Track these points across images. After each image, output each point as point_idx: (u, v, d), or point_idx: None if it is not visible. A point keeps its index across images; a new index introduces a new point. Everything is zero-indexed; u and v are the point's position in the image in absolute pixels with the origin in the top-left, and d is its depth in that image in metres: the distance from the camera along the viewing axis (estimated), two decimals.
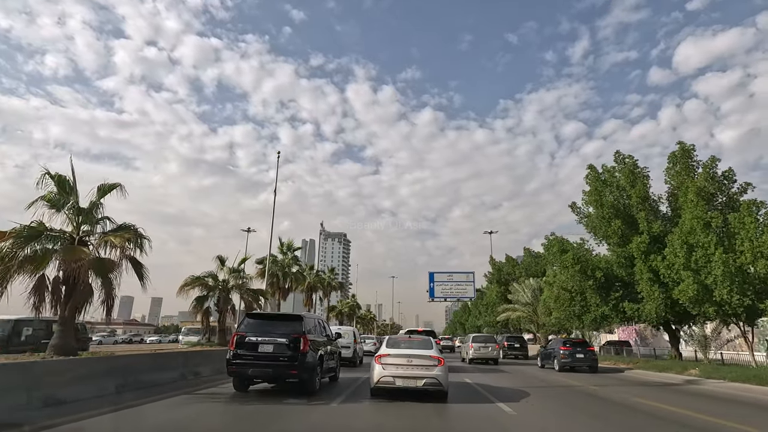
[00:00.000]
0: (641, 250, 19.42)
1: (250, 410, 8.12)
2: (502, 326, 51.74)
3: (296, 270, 28.68)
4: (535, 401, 10.15)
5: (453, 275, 61.62)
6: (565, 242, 24.80)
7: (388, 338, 10.85)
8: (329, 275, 42.43)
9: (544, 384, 14.38)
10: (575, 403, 10.35)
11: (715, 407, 9.83)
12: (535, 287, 42.78)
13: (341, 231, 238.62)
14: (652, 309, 19.00)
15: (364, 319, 77.95)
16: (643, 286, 19.41)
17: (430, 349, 9.70)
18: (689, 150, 20.25)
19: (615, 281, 21.80)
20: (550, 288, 28.13)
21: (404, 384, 8.98)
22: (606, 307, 22.10)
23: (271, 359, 9.46)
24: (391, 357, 9.26)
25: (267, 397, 9.75)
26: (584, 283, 21.80)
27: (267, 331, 9.83)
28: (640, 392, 12.57)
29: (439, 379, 9.03)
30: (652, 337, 50.76)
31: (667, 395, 12.09)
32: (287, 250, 28.94)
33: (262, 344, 9.55)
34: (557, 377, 16.93)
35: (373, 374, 9.28)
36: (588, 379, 16.32)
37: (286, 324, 10.20)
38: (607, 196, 21.56)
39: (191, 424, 6.98)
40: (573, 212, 25.74)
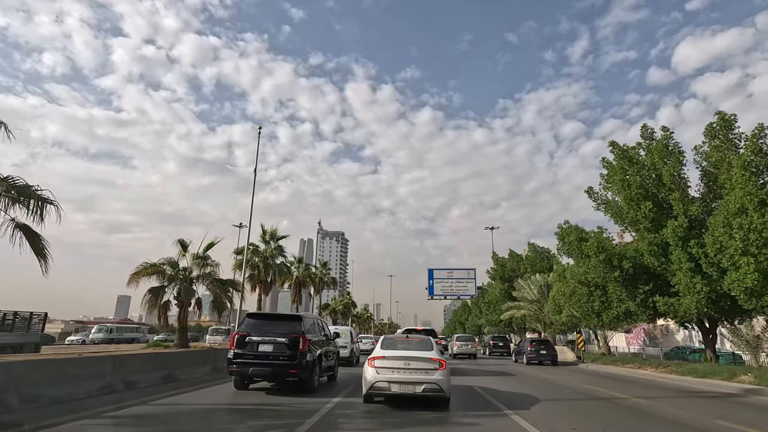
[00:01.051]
0: (678, 236, 16.59)
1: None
2: (505, 325, 48.89)
3: (280, 262, 25.74)
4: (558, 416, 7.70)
5: (453, 272, 58.87)
6: (582, 230, 21.97)
7: (384, 338, 9.79)
8: (321, 270, 39.45)
9: (555, 391, 11.57)
10: (630, 425, 7.53)
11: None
12: (542, 283, 40.01)
13: (339, 230, 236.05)
14: (692, 304, 16.16)
15: (360, 318, 74.97)
16: (680, 277, 16.58)
17: (430, 351, 8.70)
18: (730, 120, 17.39)
19: (644, 273, 18.96)
20: (564, 282, 25.27)
21: (401, 390, 7.99)
22: (632, 303, 19.28)
23: (271, 358, 9.71)
24: (387, 359, 8.24)
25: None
26: (609, 275, 18.95)
27: (267, 331, 10.06)
28: (705, 407, 9.78)
29: (440, 384, 8.01)
30: (662, 337, 48.13)
31: (745, 413, 9.24)
32: (270, 239, 25.88)
33: (262, 344, 9.79)
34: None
35: (365, 379, 8.30)
36: (600, 381, 13.50)
37: (285, 324, 10.38)
38: (634, 176, 18.68)
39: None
40: (590, 198, 22.90)
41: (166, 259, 14.70)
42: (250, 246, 23.66)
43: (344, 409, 8.26)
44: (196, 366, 13.20)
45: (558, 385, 13.82)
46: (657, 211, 17.94)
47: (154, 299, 13.80)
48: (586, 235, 21.24)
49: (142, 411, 7.62)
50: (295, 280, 30.68)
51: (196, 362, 13.26)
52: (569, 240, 21.53)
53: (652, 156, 19.25)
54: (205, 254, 15.23)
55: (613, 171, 20.95)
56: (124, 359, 9.83)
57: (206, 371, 13.68)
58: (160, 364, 11.18)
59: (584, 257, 20.34)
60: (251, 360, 9.70)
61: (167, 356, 11.67)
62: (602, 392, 12.24)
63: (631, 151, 19.95)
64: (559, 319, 32.93)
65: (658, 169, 19.10)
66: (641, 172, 18.80)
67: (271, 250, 24.90)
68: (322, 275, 38.63)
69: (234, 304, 15.31)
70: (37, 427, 5.89)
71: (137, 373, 10.25)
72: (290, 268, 26.14)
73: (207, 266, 15.04)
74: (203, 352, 13.98)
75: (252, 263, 23.68)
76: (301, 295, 31.76)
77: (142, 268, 14.01)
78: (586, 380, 15.84)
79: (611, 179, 20.09)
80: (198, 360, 13.46)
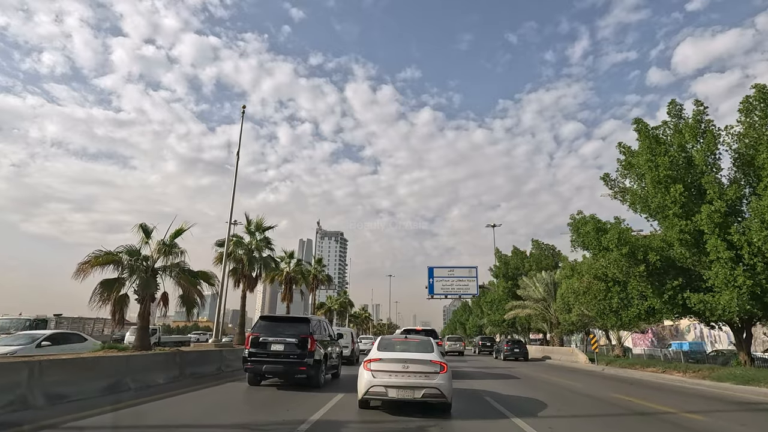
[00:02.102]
0: (715, 222, 14.54)
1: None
2: (508, 326, 46.84)
3: (267, 255, 23.61)
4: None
5: (454, 270, 56.72)
6: (600, 221, 19.93)
7: (381, 339, 9.13)
8: (316, 267, 37.27)
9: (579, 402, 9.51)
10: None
11: None
12: (549, 281, 37.96)
13: (338, 230, 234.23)
14: (731, 300, 14.11)
15: (357, 318, 72.76)
16: (717, 270, 14.54)
17: (431, 353, 8.18)
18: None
19: (672, 266, 16.91)
20: (577, 278, 23.20)
21: (399, 395, 7.50)
22: (657, 300, 17.22)
23: (282, 357, 10.66)
24: (383, 362, 7.71)
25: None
26: (632, 270, 16.89)
27: (278, 332, 10.95)
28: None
29: (441, 389, 7.50)
30: (671, 338, 46.12)
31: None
32: (256, 230, 23.44)
33: (273, 344, 10.72)
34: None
35: (360, 383, 7.80)
36: (627, 389, 11.44)
37: (294, 325, 11.24)
38: (662, 156, 16.62)
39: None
40: (606, 185, 20.94)
41: (125, 247, 12.58)
42: (233, 237, 21.60)
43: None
44: (156, 372, 11.12)
45: (581, 394, 11.74)
46: (687, 196, 15.90)
47: (107, 292, 11.65)
48: (604, 226, 19.22)
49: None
50: (286, 277, 28.51)
51: (155, 367, 11.19)
52: (585, 231, 19.44)
53: (681, 136, 17.22)
54: (173, 242, 13.11)
55: (631, 156, 19.00)
56: (47, 366, 7.76)
57: (169, 378, 11.61)
58: (100, 372, 9.10)
59: (603, 250, 18.29)
60: (264, 358, 10.70)
61: (111, 361, 9.59)
62: (639, 404, 10.18)
63: (657, 130, 17.91)
64: (569, 318, 30.94)
65: (687, 150, 17.09)
66: (670, 153, 16.75)
67: (257, 242, 22.67)
68: (316, 272, 36.46)
69: (205, 300, 13.26)
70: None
71: (67, 384, 8.16)
72: (278, 263, 23.87)
73: (174, 255, 12.92)
74: (166, 355, 11.91)
75: (235, 256, 21.55)
76: (293, 293, 29.63)
77: (93, 257, 11.77)
78: (611, 387, 13.77)
79: (635, 162, 18.06)
80: (159, 365, 11.37)
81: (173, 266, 12.93)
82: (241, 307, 21.73)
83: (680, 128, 17.54)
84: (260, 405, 8.88)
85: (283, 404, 8.86)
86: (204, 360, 13.79)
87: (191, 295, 13.00)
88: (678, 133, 17.58)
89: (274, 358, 10.69)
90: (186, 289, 13.01)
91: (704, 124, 16.70)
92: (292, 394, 10.07)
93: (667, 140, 17.64)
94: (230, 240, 20.93)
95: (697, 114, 16.86)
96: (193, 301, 13.03)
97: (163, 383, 11.14)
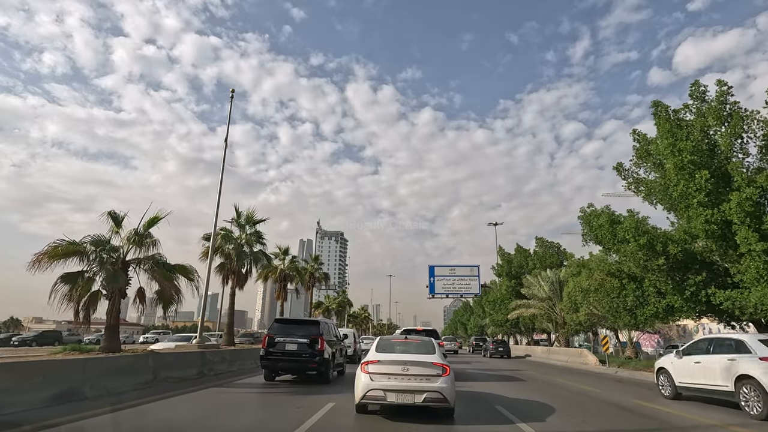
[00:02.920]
0: (746, 212, 13.21)
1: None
2: (511, 326, 45.47)
3: (258, 250, 22.10)
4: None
5: (456, 269, 55.56)
6: (613, 213, 18.64)
7: (379, 339, 8.75)
8: (312, 264, 35.87)
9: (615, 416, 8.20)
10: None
11: None
12: (554, 279, 36.66)
13: (338, 230, 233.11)
14: (765, 296, 12.78)
15: (356, 318, 71.36)
16: (748, 264, 13.22)
17: (432, 354, 7.81)
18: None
19: (694, 260, 15.59)
20: (590, 275, 21.87)
21: (398, 399, 7.01)
22: (676, 297, 15.90)
23: (295, 356, 11.99)
24: (382, 364, 7.29)
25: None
26: (651, 264, 15.56)
27: (291, 333, 12.29)
28: None
29: (443, 392, 7.02)
30: (678, 338, 44.79)
31: None
32: (246, 223, 21.74)
33: (287, 343, 12.03)
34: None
35: (357, 386, 7.37)
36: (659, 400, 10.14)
37: (306, 327, 12.65)
38: (684, 140, 15.29)
39: None
40: (619, 174, 19.61)
41: (92, 237, 11.17)
42: (221, 231, 20.25)
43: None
44: (122, 377, 9.82)
45: (601, 401, 10.40)
46: (714, 183, 14.57)
47: (68, 287, 10.23)
48: (618, 218, 17.93)
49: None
50: (280, 274, 27.13)
51: (121, 372, 9.88)
52: (598, 224, 18.11)
53: (703, 119, 15.88)
54: (147, 231, 11.73)
55: (646, 143, 17.72)
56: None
57: (140, 383, 10.32)
58: (50, 378, 7.78)
59: (618, 243, 16.97)
60: (279, 357, 11.91)
61: (62, 366, 8.27)
62: (672, 414, 8.86)
63: (678, 114, 16.59)
64: (576, 318, 29.61)
65: (710, 136, 15.76)
66: (693, 136, 15.42)
67: (247, 236, 21.26)
68: (313, 270, 35.07)
69: (183, 296, 11.95)
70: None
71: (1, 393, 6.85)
72: (271, 259, 22.41)
73: (147, 246, 11.50)
74: (136, 357, 10.60)
75: (224, 251, 20.15)
76: (287, 291, 28.30)
77: (52, 248, 10.26)
78: (632, 392, 12.42)
79: (653, 149, 16.77)
80: (125, 369, 10.07)
81: (147, 259, 11.58)
82: (230, 306, 20.34)
83: (703, 112, 16.22)
84: (245, 411, 8.14)
85: (270, 410, 8.43)
86: (183, 363, 12.49)
87: (168, 291, 11.66)
88: (700, 117, 16.25)
89: (288, 356, 11.97)
90: (162, 285, 11.67)
91: (729, 107, 15.37)
92: (279, 399, 9.54)
93: (689, 124, 16.31)
94: (218, 234, 19.59)
95: (720, 95, 15.51)
96: (170, 298, 11.67)
97: (132, 390, 9.85)
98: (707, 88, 16.30)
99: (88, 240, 10.99)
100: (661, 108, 16.97)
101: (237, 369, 16.06)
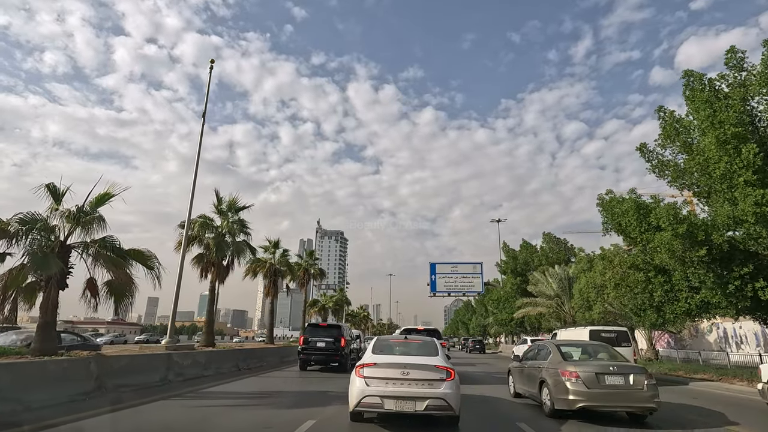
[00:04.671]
0: None
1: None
2: (517, 325, 43.48)
3: (242, 240, 19.78)
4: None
5: (458, 266, 53.37)
6: (639, 197, 16.67)
7: (376, 340, 7.92)
8: (306, 260, 33.74)
9: None
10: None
11: None
12: (563, 276, 34.69)
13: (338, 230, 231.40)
14: None
15: (355, 318, 69.31)
16: None
17: (435, 356, 7.00)
18: None
19: (738, 251, 13.58)
20: (609, 267, 19.83)
21: (397, 407, 6.26)
22: (716, 292, 13.90)
23: (323, 351, 16.30)
24: (379, 367, 6.54)
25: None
26: (689, 254, 13.55)
27: (319, 334, 16.73)
28: None
29: (448, 399, 6.27)
30: (690, 338, 42.85)
31: None
32: (229, 210, 19.47)
33: (318, 342, 16.39)
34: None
35: (351, 392, 6.58)
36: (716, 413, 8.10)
37: (331, 330, 17.19)
38: (725, 111, 13.29)
39: None
40: (642, 156, 17.65)
41: (24, 214, 9.10)
42: (199, 218, 18.19)
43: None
44: (50, 388, 7.82)
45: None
46: (763, 159, 12.59)
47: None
48: (645, 204, 15.95)
49: None
50: (269, 269, 25.06)
51: (48, 381, 7.88)
52: (622, 210, 16.11)
53: (742, 89, 13.90)
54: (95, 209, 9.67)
55: (675, 122, 15.77)
56: None
57: (78, 394, 8.32)
58: None
59: (648, 232, 15.00)
60: (312, 352, 16.27)
61: None
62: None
63: (713, 83, 14.61)
64: (589, 316, 27.67)
65: (752, 107, 13.80)
66: (734, 107, 13.42)
67: (229, 224, 19.09)
68: (307, 265, 32.97)
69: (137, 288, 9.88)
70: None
71: None
72: (255, 250, 20.29)
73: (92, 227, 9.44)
74: (73, 362, 8.59)
75: (202, 240, 17.94)
76: (277, 287, 26.24)
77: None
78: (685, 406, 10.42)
79: (686, 123, 14.79)
80: (55, 377, 8.06)
81: (93, 242, 9.54)
82: (209, 301, 18.25)
83: (741, 80, 14.22)
84: (217, 425, 7.10)
85: (248, 420, 7.48)
86: (139, 367, 10.50)
87: (120, 282, 9.63)
88: (738, 87, 14.25)
89: (318, 351, 16.24)
90: (116, 275, 9.63)
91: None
92: (251, 415, 8.02)
93: (728, 96, 14.32)
94: (195, 221, 17.57)
95: (766, 59, 13.51)
96: (123, 290, 9.67)
97: (65, 402, 7.88)
98: (745, 54, 14.31)
99: (20, 218, 8.96)
100: (695, 78, 14.98)
101: (213, 373, 14.17)
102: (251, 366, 17.39)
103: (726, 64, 14.97)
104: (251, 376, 14.62)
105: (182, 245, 13.98)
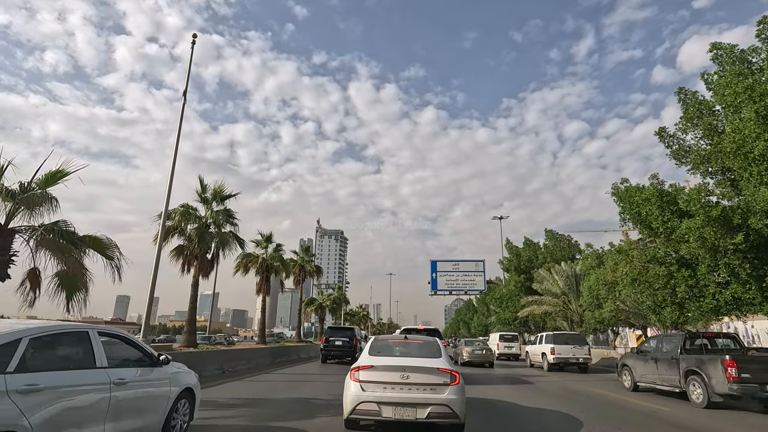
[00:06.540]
0: None
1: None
2: (521, 324, 42.06)
3: (228, 231, 18.20)
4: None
5: (459, 264, 52.06)
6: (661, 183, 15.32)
7: (373, 340, 7.34)
8: (302, 256, 32.26)
9: None
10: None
11: None
12: (570, 273, 33.29)
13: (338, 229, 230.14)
14: None
15: (354, 317, 67.88)
16: None
17: (438, 358, 6.40)
18: None
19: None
20: (627, 260, 18.40)
21: (396, 415, 5.72)
22: (752, 285, 12.51)
23: (340, 348, 20.17)
24: (376, 371, 5.99)
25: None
26: (722, 243, 12.15)
27: (337, 334, 20.95)
28: None
29: (452, 405, 5.72)
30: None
31: None
32: (213, 199, 17.85)
33: (336, 340, 20.37)
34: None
35: (346, 397, 6.02)
36: None
37: (346, 331, 21.70)
38: (764, 84, 11.90)
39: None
40: (661, 141, 16.34)
41: None
42: (180, 208, 16.73)
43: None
44: None
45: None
46: None
47: None
48: (667, 191, 14.60)
49: None
50: (261, 265, 23.57)
51: None
52: (642, 198, 14.71)
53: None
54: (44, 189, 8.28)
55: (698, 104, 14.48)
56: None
57: None
58: None
59: (672, 220, 13.62)
60: (332, 349, 20.38)
61: None
62: None
63: (744, 55, 13.26)
64: (599, 315, 26.30)
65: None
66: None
67: (213, 214, 17.51)
68: (303, 262, 31.49)
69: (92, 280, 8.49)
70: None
71: None
72: (243, 242, 18.70)
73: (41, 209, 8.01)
74: None
75: (183, 231, 16.37)
76: (270, 284, 24.77)
77: None
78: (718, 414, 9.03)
79: (717, 100, 13.40)
80: None
81: (40, 226, 8.13)
82: (191, 297, 16.76)
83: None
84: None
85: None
86: None
87: (72, 272, 8.23)
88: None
89: (336, 348, 20.20)
90: (65, 263, 8.24)
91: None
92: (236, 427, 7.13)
93: (761, 68, 12.97)
94: (176, 210, 16.15)
95: None
96: (76, 283, 8.27)
97: None
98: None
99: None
100: (726, 50, 13.61)
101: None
102: (238, 368, 16.03)
103: (758, 36, 13.62)
104: (235, 380, 13.26)
105: (158, 236, 12.57)
